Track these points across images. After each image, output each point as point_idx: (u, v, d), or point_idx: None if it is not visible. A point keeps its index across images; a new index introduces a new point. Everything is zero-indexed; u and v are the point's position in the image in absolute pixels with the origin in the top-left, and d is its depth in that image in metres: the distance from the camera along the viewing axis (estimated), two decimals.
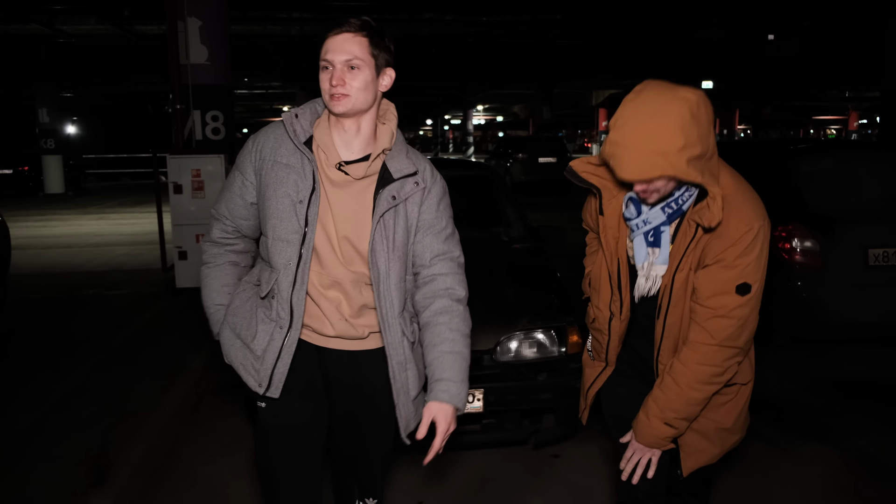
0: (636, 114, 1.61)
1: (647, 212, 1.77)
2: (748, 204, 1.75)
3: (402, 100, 33.73)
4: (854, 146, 7.35)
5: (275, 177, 1.84)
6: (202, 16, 7.04)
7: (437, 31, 15.49)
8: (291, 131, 1.84)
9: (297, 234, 1.81)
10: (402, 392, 1.90)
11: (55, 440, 3.74)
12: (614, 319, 1.96)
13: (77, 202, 18.37)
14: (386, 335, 1.87)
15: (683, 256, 1.77)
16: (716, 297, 1.74)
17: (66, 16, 13.98)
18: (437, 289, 1.90)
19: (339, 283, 1.86)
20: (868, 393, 4.38)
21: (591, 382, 2.10)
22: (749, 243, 1.71)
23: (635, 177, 1.62)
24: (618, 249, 1.91)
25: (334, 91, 1.76)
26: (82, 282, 7.82)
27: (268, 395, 1.89)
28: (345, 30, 1.76)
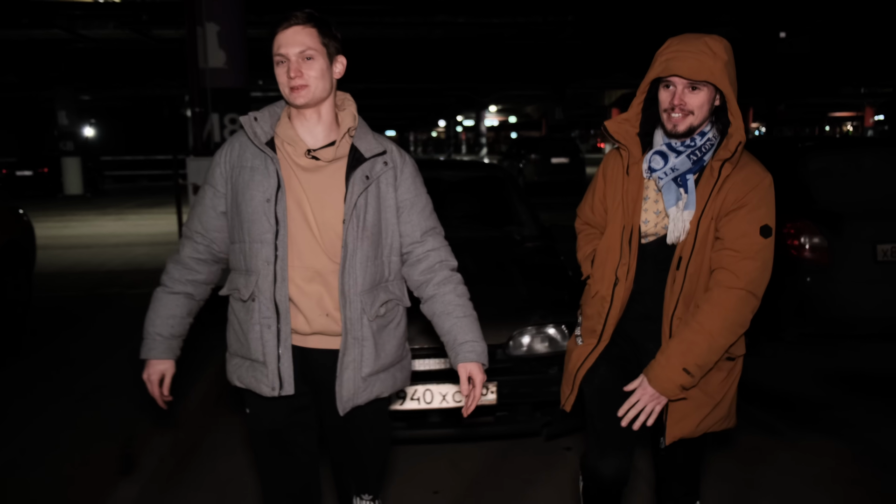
0: (690, 36, 1.88)
1: (674, 159, 1.92)
2: (758, 161, 1.96)
3: (415, 101, 33.87)
4: (861, 143, 7.35)
5: (242, 181, 1.91)
6: (221, 20, 7.18)
7: (450, 33, 15.61)
8: (252, 133, 1.91)
9: (270, 232, 1.87)
10: (350, 366, 1.91)
11: (83, 431, 3.88)
12: (619, 285, 2.02)
13: (95, 203, 18.65)
14: (344, 310, 1.89)
15: (708, 201, 1.90)
16: (742, 239, 1.86)
17: (86, 21, 14.23)
18: (433, 262, 2.02)
19: (320, 273, 1.90)
20: (877, 387, 4.43)
21: (578, 365, 2.10)
22: (766, 188, 1.89)
23: (690, 74, 1.82)
24: (635, 212, 2.01)
25: (293, 83, 1.83)
26: (104, 281, 8.00)
27: (283, 394, 1.92)
28: (293, 23, 1.84)
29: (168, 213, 15.49)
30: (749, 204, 1.87)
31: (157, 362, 2.09)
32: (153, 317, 2.05)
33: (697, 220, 1.91)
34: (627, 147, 2.03)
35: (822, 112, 45.94)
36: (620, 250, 2.03)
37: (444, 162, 5.54)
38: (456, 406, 3.13)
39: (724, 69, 1.82)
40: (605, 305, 2.06)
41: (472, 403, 1.99)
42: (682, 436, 2.00)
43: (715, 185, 1.89)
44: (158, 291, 2.06)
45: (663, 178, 1.93)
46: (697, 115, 1.88)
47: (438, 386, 3.10)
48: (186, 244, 2.03)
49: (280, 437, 2.02)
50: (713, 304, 1.88)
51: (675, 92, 1.88)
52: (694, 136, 1.92)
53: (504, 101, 35.53)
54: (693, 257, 1.92)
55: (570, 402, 2.16)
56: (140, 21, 13.67)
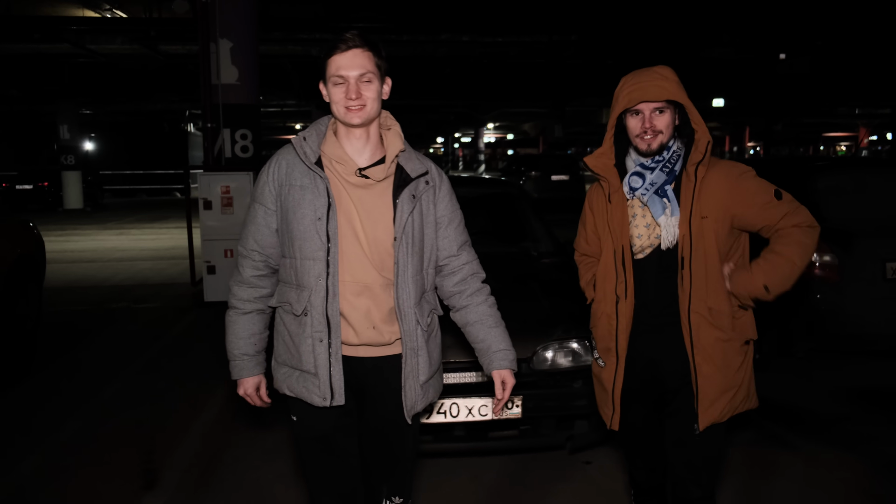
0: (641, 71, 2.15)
1: (650, 175, 2.14)
2: (718, 159, 2.22)
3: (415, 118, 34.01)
4: (869, 163, 7.47)
5: (293, 200, 1.97)
6: (233, 37, 7.27)
7: (454, 51, 15.75)
8: (302, 153, 1.98)
9: (322, 250, 1.94)
10: (410, 375, 2.03)
11: (102, 445, 3.90)
12: (621, 302, 2.21)
13: (96, 218, 18.65)
14: (402, 323, 1.99)
15: (693, 202, 2.12)
16: (770, 210, 2.12)
17: (94, 35, 14.32)
18: (467, 274, 2.16)
19: (368, 287, 1.97)
20: (886, 402, 4.48)
21: (612, 385, 2.28)
22: (745, 173, 2.14)
23: (655, 97, 2.08)
24: (622, 234, 2.20)
25: (351, 104, 1.92)
26: (110, 295, 8.01)
27: (334, 404, 1.99)
28: (352, 45, 1.92)
29: (169, 227, 15.54)
30: (747, 188, 2.12)
31: (249, 379, 2.16)
32: (234, 339, 2.12)
33: (688, 221, 2.12)
34: (607, 178, 2.25)
35: (817, 132, 46.29)
36: (616, 271, 2.23)
37: (459, 178, 5.61)
38: (481, 419, 3.17)
39: (678, 88, 2.10)
40: (612, 323, 2.25)
41: (501, 406, 2.14)
42: (713, 420, 2.17)
43: (695, 187, 2.12)
44: (232, 314, 2.12)
45: (646, 192, 2.14)
46: (665, 133, 2.13)
47: (465, 399, 3.14)
48: (246, 263, 2.09)
49: (328, 441, 2.08)
50: (787, 239, 2.13)
51: (644, 117, 2.13)
52: (662, 152, 2.16)
53: (502, 118, 35.73)
54: (694, 255, 2.12)
55: (616, 421, 2.31)
56: (148, 37, 13.78)
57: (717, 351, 2.15)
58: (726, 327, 2.15)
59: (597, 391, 2.39)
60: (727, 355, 2.17)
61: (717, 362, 2.15)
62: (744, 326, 2.20)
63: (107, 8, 15.60)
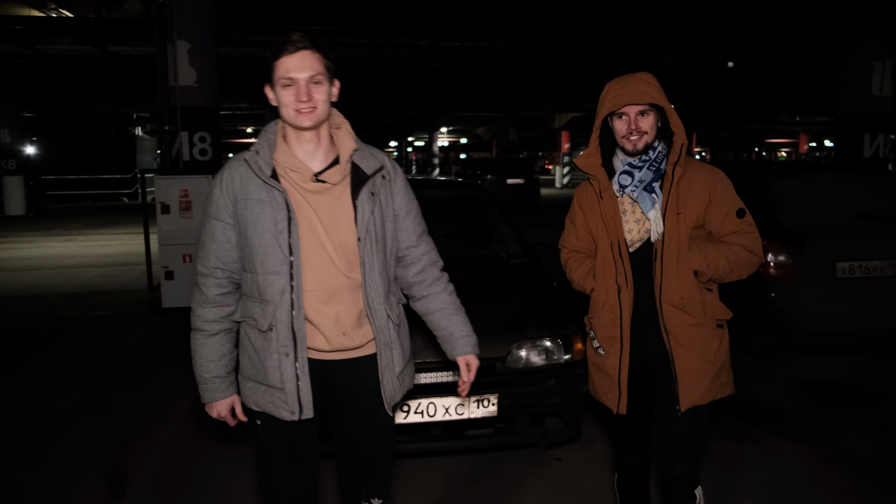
0: (625, 77, 2.27)
1: (639, 174, 2.26)
2: (701, 162, 2.38)
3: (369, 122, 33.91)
4: (819, 168, 7.77)
5: (251, 214, 1.92)
6: (191, 39, 7.16)
7: (412, 55, 15.78)
8: (257, 168, 1.93)
9: (285, 263, 1.90)
10: (387, 369, 2.04)
11: (67, 455, 3.79)
12: (622, 291, 2.32)
13: (40, 224, 18.03)
14: (373, 321, 1.99)
15: (668, 199, 2.26)
16: (726, 223, 2.27)
17: (40, 35, 13.84)
18: (427, 264, 2.18)
19: (337, 293, 1.96)
20: (839, 396, 4.67)
21: (617, 371, 2.36)
22: (724, 181, 2.30)
23: (638, 100, 2.20)
24: (616, 228, 2.32)
25: (302, 107, 1.89)
26: (62, 303, 7.77)
27: (303, 418, 1.99)
28: (300, 47, 1.88)
29: (119, 233, 15.14)
30: (715, 196, 2.27)
31: (223, 402, 2.12)
32: (204, 363, 2.07)
33: (663, 215, 2.26)
34: (597, 177, 2.37)
35: (759, 138, 47.83)
36: (614, 262, 2.34)
37: (426, 181, 5.63)
38: (458, 418, 3.20)
39: (659, 92, 2.24)
40: (615, 312, 2.35)
41: (467, 386, 2.21)
42: (694, 402, 2.29)
43: (671, 185, 2.25)
44: (199, 337, 2.06)
45: (635, 189, 2.26)
46: (650, 133, 2.26)
47: (441, 399, 3.17)
48: (209, 283, 2.03)
49: (291, 446, 2.08)
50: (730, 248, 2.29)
51: (630, 119, 2.24)
52: (648, 152, 2.27)
53: (457, 122, 35.88)
54: (666, 247, 2.26)
55: (624, 405, 2.38)
56: (97, 37, 13.38)
57: (690, 335, 2.27)
58: (697, 313, 2.27)
59: (597, 379, 2.46)
60: (702, 339, 2.29)
61: (692, 346, 2.27)
62: (714, 308, 2.32)
63: (53, 7, 15.10)
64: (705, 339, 2.29)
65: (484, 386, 3.21)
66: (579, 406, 3.43)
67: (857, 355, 5.47)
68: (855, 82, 9.86)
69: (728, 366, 2.38)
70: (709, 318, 2.30)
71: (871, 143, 9.83)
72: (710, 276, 2.27)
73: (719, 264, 2.27)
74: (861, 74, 9.75)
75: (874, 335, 5.17)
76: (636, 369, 2.37)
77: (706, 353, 2.29)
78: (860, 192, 5.45)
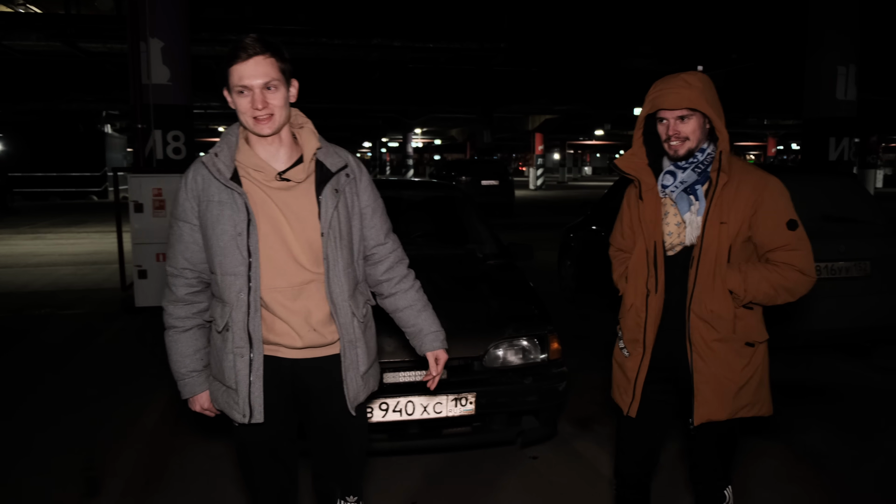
0: (670, 77, 2.18)
1: (682, 174, 2.19)
2: (758, 169, 2.25)
3: (343, 122, 33.80)
4: (786, 170, 7.93)
5: (211, 216, 1.93)
6: (165, 37, 7.10)
7: (385, 55, 15.79)
8: (216, 171, 1.93)
9: (243, 265, 1.91)
10: (351, 367, 2.05)
11: (41, 454, 3.76)
12: (651, 296, 2.27)
13: (7, 222, 17.68)
14: (337, 317, 2.00)
15: (711, 206, 2.16)
16: (774, 235, 2.16)
17: (6, 31, 13.58)
18: (395, 262, 2.20)
19: (304, 289, 1.97)
20: (806, 395, 4.80)
21: (636, 374, 2.33)
22: (775, 190, 2.17)
23: (673, 105, 2.11)
24: (655, 232, 2.26)
25: (259, 114, 1.88)
26: (31, 301, 7.65)
27: (253, 422, 1.99)
28: (253, 53, 1.85)
29: (88, 232, 14.91)
30: (764, 204, 2.16)
31: (203, 395, 2.15)
32: (179, 359, 2.09)
33: (703, 223, 2.17)
34: (639, 177, 2.31)
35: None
36: (647, 266, 2.29)
37: (403, 182, 5.66)
38: (436, 417, 3.23)
39: (700, 95, 2.11)
40: (641, 316, 2.31)
41: (436, 381, 2.24)
42: (709, 417, 2.23)
43: (713, 192, 2.16)
44: (172, 334, 2.09)
45: (675, 190, 2.20)
46: (692, 139, 2.17)
47: (419, 398, 3.20)
48: (178, 282, 2.04)
49: (268, 445, 2.10)
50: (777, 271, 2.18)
51: (669, 124, 2.17)
52: (695, 154, 2.20)
53: (431, 123, 35.93)
54: (703, 256, 2.17)
55: (635, 409, 2.35)
56: (66, 34, 13.17)
57: (713, 350, 2.19)
58: (724, 329, 2.18)
59: (617, 378, 2.43)
60: (726, 355, 2.20)
61: (714, 361, 2.20)
62: (747, 328, 2.21)
63: (20, 3, 14.82)
64: (729, 356, 2.20)
65: (462, 385, 3.25)
66: (555, 405, 3.49)
67: (822, 356, 5.62)
68: (820, 87, 10.07)
69: (759, 386, 2.27)
70: (738, 335, 2.20)
71: (836, 147, 10.06)
72: (746, 300, 2.17)
73: (759, 289, 2.15)
74: (826, 79, 9.97)
75: (840, 335, 5.30)
76: (660, 377, 2.33)
77: (728, 369, 2.20)
78: (825, 194, 5.58)
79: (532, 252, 4.62)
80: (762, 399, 2.30)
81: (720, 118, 2.15)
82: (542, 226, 16.01)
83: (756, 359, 2.26)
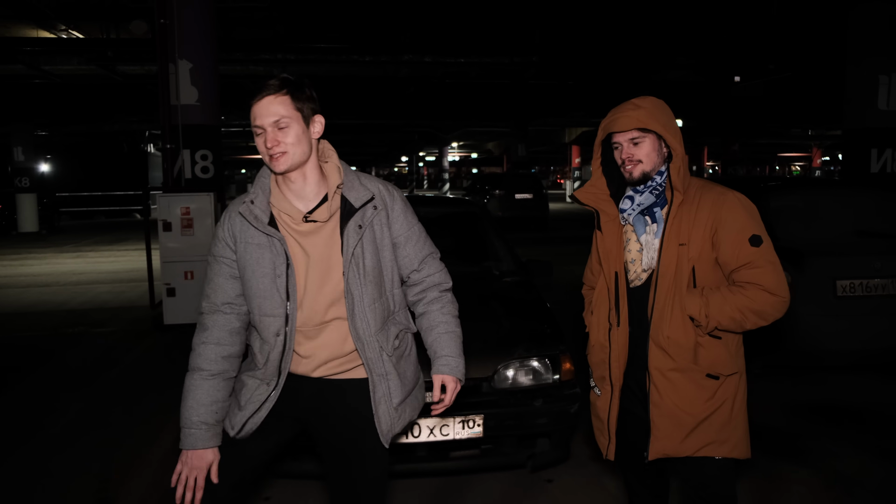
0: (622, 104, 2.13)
1: (639, 197, 2.13)
2: (718, 185, 2.16)
3: (379, 138, 34.09)
4: (820, 184, 7.72)
5: (250, 258, 1.95)
6: (193, 58, 7.24)
7: (416, 71, 15.87)
8: (252, 218, 1.94)
9: (281, 307, 1.94)
10: (382, 401, 2.00)
11: (58, 473, 3.80)
12: (613, 330, 2.18)
13: (52, 241, 18.21)
14: (363, 352, 1.98)
15: (667, 225, 2.09)
16: (737, 253, 2.03)
17: (49, 56, 14.07)
18: (429, 285, 2.15)
19: (327, 327, 1.98)
20: (839, 417, 4.59)
21: (607, 416, 2.22)
22: (735, 204, 2.06)
23: (622, 127, 2.08)
24: (616, 262, 2.18)
25: (272, 152, 1.89)
26: (67, 320, 7.82)
27: (238, 438, 2.01)
28: (265, 94, 1.88)
29: (128, 250, 15.25)
30: (723, 222, 2.05)
31: (203, 452, 2.00)
32: (195, 405, 1.99)
33: (660, 246, 2.09)
34: (598, 208, 2.24)
35: (772, 152, 47.59)
36: (608, 297, 2.19)
37: (421, 198, 5.63)
38: (442, 440, 3.16)
39: (649, 116, 2.06)
40: (605, 352, 2.21)
41: (440, 408, 2.13)
42: (664, 453, 2.11)
43: (670, 211, 2.09)
44: (195, 378, 2.01)
45: (632, 213, 2.14)
46: (647, 161, 2.11)
47: (425, 420, 3.13)
48: (216, 319, 2.01)
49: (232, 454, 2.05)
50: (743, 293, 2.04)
51: (622, 148, 2.12)
52: (653, 177, 2.13)
53: (466, 137, 36.01)
54: (659, 279, 2.08)
55: (612, 451, 2.26)
56: (105, 57, 13.59)
57: (669, 380, 2.07)
58: (682, 358, 2.06)
59: (593, 420, 2.33)
60: (684, 386, 2.07)
61: (669, 392, 2.07)
62: (711, 358, 2.08)
63: (62, 28, 15.33)
64: (688, 387, 2.06)
65: (469, 406, 3.18)
66: (567, 427, 3.39)
67: (858, 375, 5.38)
68: (861, 97, 9.79)
69: (726, 423, 2.11)
70: (700, 366, 2.07)
71: (878, 158, 9.74)
72: (710, 328, 2.03)
73: (723, 312, 2.00)
74: (867, 89, 9.69)
75: (875, 354, 5.08)
76: (636, 413, 2.20)
77: (686, 402, 2.07)
78: (861, 208, 5.39)
79: (551, 269, 4.53)
80: (732, 438, 2.13)
81: (673, 136, 2.08)
82: (575, 239, 15.75)
83: (723, 393, 2.11)
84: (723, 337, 2.10)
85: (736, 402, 2.14)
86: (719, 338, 2.10)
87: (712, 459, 2.13)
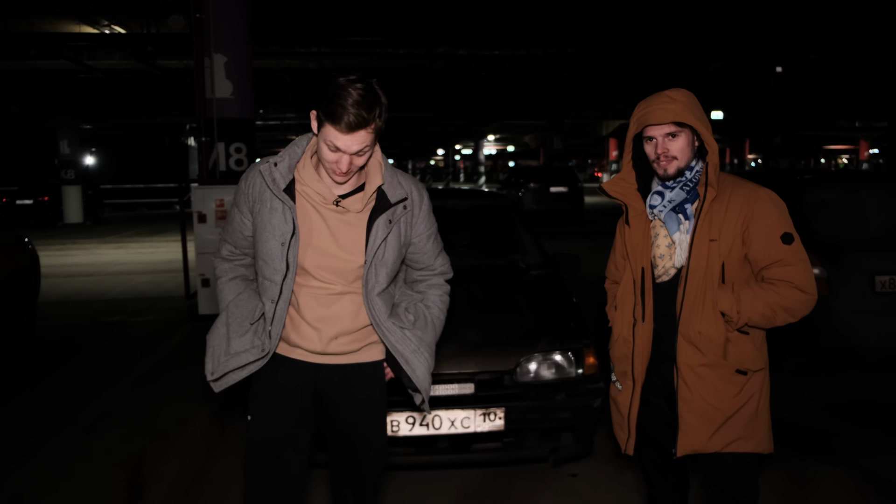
0: (653, 95, 2.08)
1: (670, 193, 2.10)
2: (749, 182, 2.13)
3: (415, 131, 34.17)
4: (859, 176, 7.49)
5: (262, 218, 1.99)
6: (228, 52, 7.33)
7: (451, 64, 15.87)
8: (271, 181, 1.95)
9: (280, 274, 1.97)
10: (423, 370, 2.08)
11: (90, 460, 3.90)
12: (638, 325, 2.17)
13: (96, 232, 18.70)
14: (388, 337, 2.04)
15: (699, 220, 2.06)
16: (768, 250, 2.03)
17: (92, 51, 14.46)
18: (435, 272, 2.23)
19: (339, 299, 2.01)
20: (876, 416, 4.47)
21: (627, 410, 2.22)
22: (767, 201, 2.06)
23: (660, 120, 2.02)
24: (643, 256, 2.16)
25: (340, 172, 1.88)
26: (106, 309, 8.03)
27: (211, 381, 2.09)
28: (357, 128, 1.80)
29: (168, 241, 15.57)
30: (754, 219, 2.04)
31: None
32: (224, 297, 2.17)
33: (691, 240, 2.07)
34: (626, 202, 2.22)
35: (817, 144, 46.41)
36: (634, 292, 2.18)
37: (449, 191, 5.62)
38: (463, 432, 3.17)
39: (685, 109, 2.02)
40: (628, 346, 2.20)
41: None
42: (693, 449, 2.10)
43: (702, 207, 2.06)
44: (220, 283, 2.20)
45: (663, 210, 2.10)
46: (681, 157, 2.07)
47: (447, 412, 3.14)
48: (224, 245, 2.21)
49: (275, 447, 2.10)
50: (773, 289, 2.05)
51: (657, 142, 2.07)
52: (684, 172, 2.10)
53: (502, 130, 35.89)
54: (690, 275, 2.07)
55: (631, 446, 2.26)
56: (145, 52, 13.89)
57: (699, 376, 2.07)
58: (712, 353, 2.06)
59: (613, 414, 2.33)
60: (714, 382, 2.07)
61: (698, 388, 2.07)
62: (740, 354, 2.08)
63: (105, 24, 15.70)
64: (718, 383, 2.07)
65: (491, 399, 3.18)
66: (590, 421, 3.37)
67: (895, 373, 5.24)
68: None
69: (753, 418, 2.11)
70: (729, 361, 2.07)
71: None
72: (741, 323, 2.04)
73: (754, 309, 2.01)
74: None
75: None
76: (666, 406, 2.20)
77: (716, 397, 2.07)
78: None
79: (578, 262, 4.49)
80: (758, 434, 2.13)
81: (708, 130, 2.07)
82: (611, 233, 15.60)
83: (750, 388, 2.10)
84: (750, 332, 2.11)
85: (762, 397, 2.14)
86: (747, 333, 2.10)
87: (737, 454, 2.12)
